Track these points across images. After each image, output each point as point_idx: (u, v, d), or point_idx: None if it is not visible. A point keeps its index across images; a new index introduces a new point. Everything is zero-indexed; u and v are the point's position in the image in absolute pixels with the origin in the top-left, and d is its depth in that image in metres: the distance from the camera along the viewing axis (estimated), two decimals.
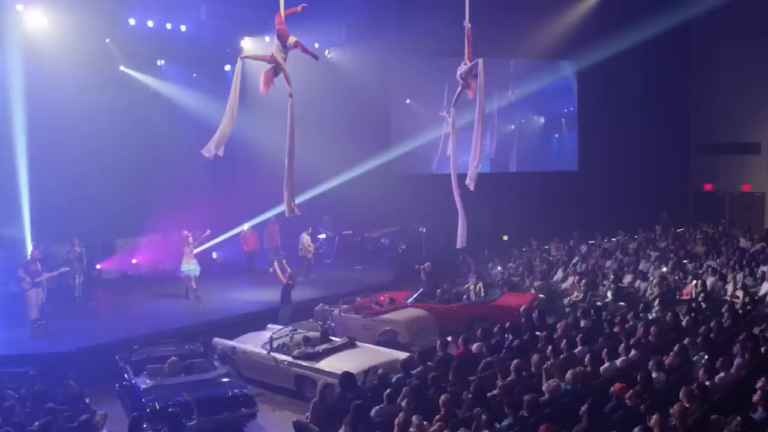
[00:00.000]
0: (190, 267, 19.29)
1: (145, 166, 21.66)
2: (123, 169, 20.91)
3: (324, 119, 23.61)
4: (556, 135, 30.71)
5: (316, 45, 25.89)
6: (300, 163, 11.96)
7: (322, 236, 25.39)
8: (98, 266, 22.14)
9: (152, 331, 16.22)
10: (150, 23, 21.39)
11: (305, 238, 22.09)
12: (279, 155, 11.91)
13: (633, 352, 12.15)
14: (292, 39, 11.63)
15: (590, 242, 25.52)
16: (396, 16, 25.04)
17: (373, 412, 10.22)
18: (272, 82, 11.73)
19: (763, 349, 11.89)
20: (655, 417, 8.57)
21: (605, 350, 12.13)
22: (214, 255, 23.54)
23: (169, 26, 21.97)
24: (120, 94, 21.45)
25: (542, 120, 30.61)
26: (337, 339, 14.94)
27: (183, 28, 22.17)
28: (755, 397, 9.19)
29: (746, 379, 10.47)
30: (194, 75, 24.17)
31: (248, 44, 24.06)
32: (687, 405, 9.22)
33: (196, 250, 19.95)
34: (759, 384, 9.49)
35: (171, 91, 23.24)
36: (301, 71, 23.32)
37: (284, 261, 18.38)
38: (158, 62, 23.43)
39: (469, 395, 10.35)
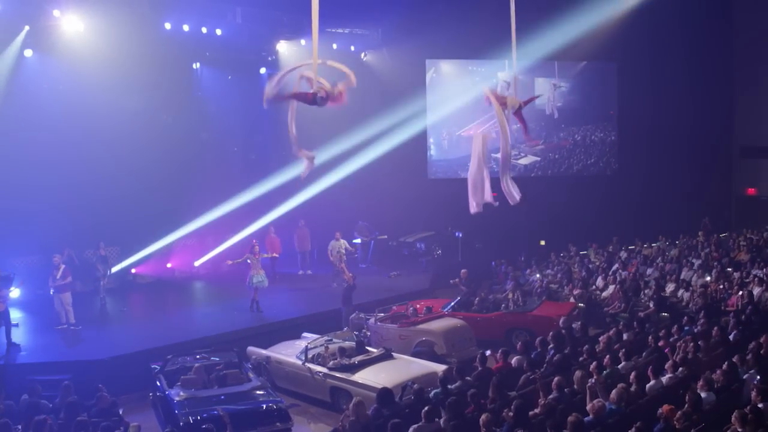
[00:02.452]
0: (260, 279, 18.92)
1: (180, 169, 21.65)
2: (157, 173, 20.90)
3: (360, 122, 23.43)
4: (603, 139, 30.04)
5: (353, 48, 25.82)
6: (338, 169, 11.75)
7: (357, 241, 25.17)
8: (133, 271, 22.14)
9: (187, 339, 16.13)
10: (186, 27, 21.34)
11: (332, 244, 21.83)
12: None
13: (680, 368, 11.73)
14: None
15: (630, 248, 25.02)
16: (433, 17, 24.81)
17: (411, 431, 9.95)
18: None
19: None
20: None
21: (650, 367, 11.71)
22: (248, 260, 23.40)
23: (204, 30, 21.92)
24: (154, 98, 21.38)
25: (600, 125, 30.02)
26: (373, 350, 14.70)
27: (218, 32, 22.12)
28: None
29: None
30: (229, 78, 24.13)
31: (284, 48, 23.98)
32: (740, 430, 8.82)
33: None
34: None
35: (206, 94, 23.25)
36: (337, 73, 23.32)
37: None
38: (194, 65, 23.40)
39: (510, 413, 10.04)
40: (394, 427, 9.63)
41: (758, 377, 10.79)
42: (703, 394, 10.32)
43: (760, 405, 9.65)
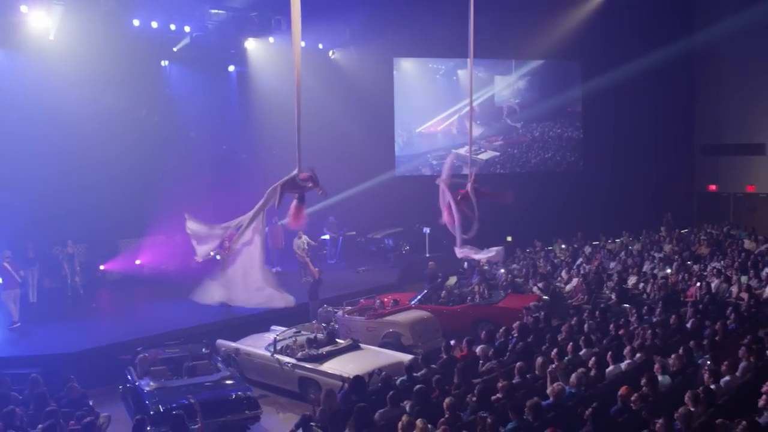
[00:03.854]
0: None
1: (149, 166, 21.65)
2: (125, 170, 20.81)
3: (327, 119, 23.64)
4: (560, 135, 30.48)
5: (321, 46, 25.98)
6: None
7: (326, 237, 25.38)
8: (102, 267, 22.13)
9: (156, 332, 16.25)
10: (154, 24, 21.37)
11: (296, 242, 22.00)
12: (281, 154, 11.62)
13: (638, 354, 12.12)
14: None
15: (594, 243, 25.48)
16: (400, 17, 25.03)
17: (377, 416, 10.21)
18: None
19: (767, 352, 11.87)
20: (660, 421, 8.54)
21: (610, 353, 12.08)
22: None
23: (173, 27, 21.95)
24: (123, 94, 21.39)
25: (558, 121, 30.43)
26: (341, 341, 14.93)
27: (187, 29, 22.14)
28: (761, 402, 9.15)
29: (752, 383, 10.42)
30: (198, 76, 24.18)
31: (252, 45, 24.10)
32: (692, 409, 9.17)
33: None
34: (765, 388, 9.45)
35: (174, 92, 23.28)
36: (305, 71, 23.48)
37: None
38: (162, 63, 23.43)
39: (474, 398, 10.34)
40: (360, 411, 9.89)
41: (709, 362, 11.18)
42: (659, 378, 10.71)
43: (712, 386, 10.06)
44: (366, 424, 9.84)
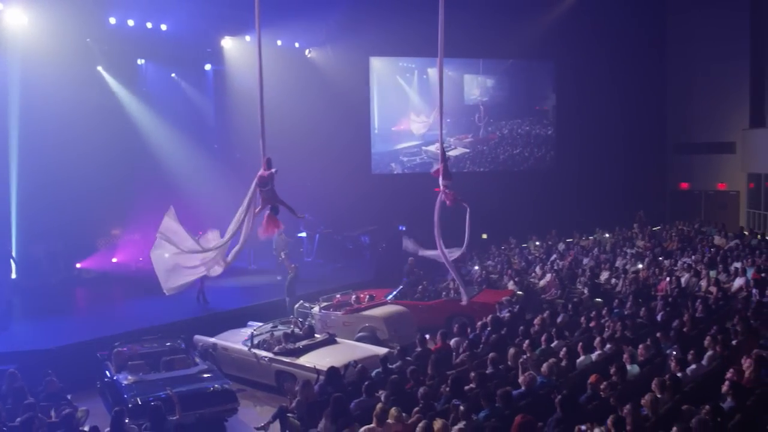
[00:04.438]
0: None
1: (125, 164, 21.66)
2: (101, 168, 20.84)
3: (304, 117, 23.76)
4: (529, 132, 30.76)
5: (297, 44, 26.11)
6: (280, 161, 11.87)
7: (303, 235, 25.50)
8: (78, 265, 22.13)
9: (134, 328, 16.30)
10: (130, 22, 21.41)
11: (277, 239, 22.13)
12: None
13: (608, 345, 12.40)
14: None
15: (568, 240, 25.80)
16: (376, 16, 25.19)
17: (352, 405, 10.40)
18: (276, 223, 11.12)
19: (734, 342, 12.18)
20: (627, 407, 8.78)
21: (581, 344, 12.36)
22: None
23: (149, 25, 22.00)
24: (99, 92, 21.43)
25: (520, 119, 30.70)
26: (318, 335, 15.10)
27: (164, 27, 22.18)
28: (724, 388, 9.43)
29: (717, 371, 10.71)
30: (173, 75, 24.22)
31: (229, 44, 24.17)
32: (659, 395, 9.45)
33: None
34: (728, 375, 9.75)
35: (151, 90, 23.32)
36: (282, 70, 23.67)
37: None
38: (138, 61, 23.46)
39: (447, 388, 10.56)
40: (336, 401, 10.08)
41: (675, 352, 11.48)
42: (628, 367, 11.00)
43: (678, 374, 10.35)
44: (342, 414, 10.02)
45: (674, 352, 11.36)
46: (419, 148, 28.35)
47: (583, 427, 8.27)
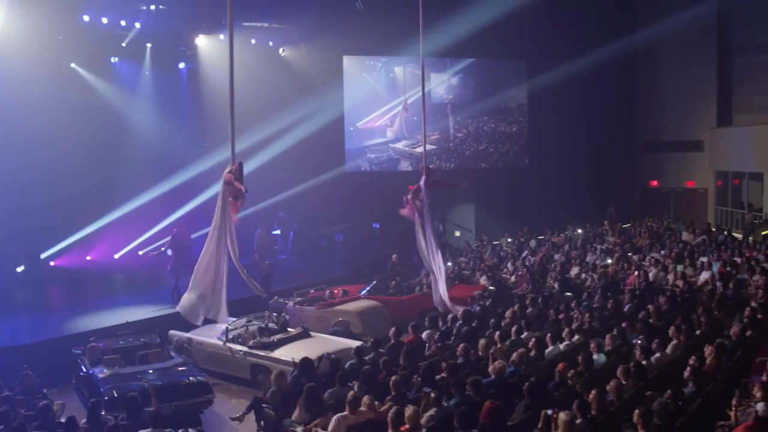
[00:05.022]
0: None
1: (100, 161, 21.65)
2: (76, 164, 20.84)
3: (278, 116, 23.89)
4: (494, 129, 31.07)
5: (271, 43, 26.21)
6: (254, 159, 11.97)
7: (277, 232, 25.64)
8: (52, 263, 22.12)
9: (109, 324, 16.42)
10: (104, 20, 21.42)
11: (260, 234, 22.31)
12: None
13: (576, 336, 12.70)
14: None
15: (540, 237, 26.12)
16: (349, 15, 25.33)
17: (326, 395, 10.61)
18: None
19: (697, 332, 12.54)
20: (593, 392, 9.07)
21: (549, 335, 12.65)
22: (169, 252, 23.59)
23: (123, 23, 22.03)
24: (72, 90, 21.40)
25: (492, 117, 31.01)
26: (292, 329, 15.27)
27: (137, 25, 22.21)
28: (686, 374, 9.75)
29: (681, 359, 11.04)
30: (147, 73, 24.23)
31: (203, 42, 24.22)
32: (623, 382, 9.75)
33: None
34: (690, 362, 10.08)
35: (125, 87, 23.33)
36: (255, 67, 23.79)
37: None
38: (112, 59, 23.46)
39: (419, 378, 10.79)
40: (309, 390, 10.28)
41: (638, 341, 11.81)
42: (595, 356, 11.30)
43: (643, 362, 10.66)
44: (316, 403, 10.22)
45: (639, 342, 11.67)
46: (386, 145, 28.58)
47: (549, 412, 8.52)
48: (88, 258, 22.98)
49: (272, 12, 23.61)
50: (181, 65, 25.06)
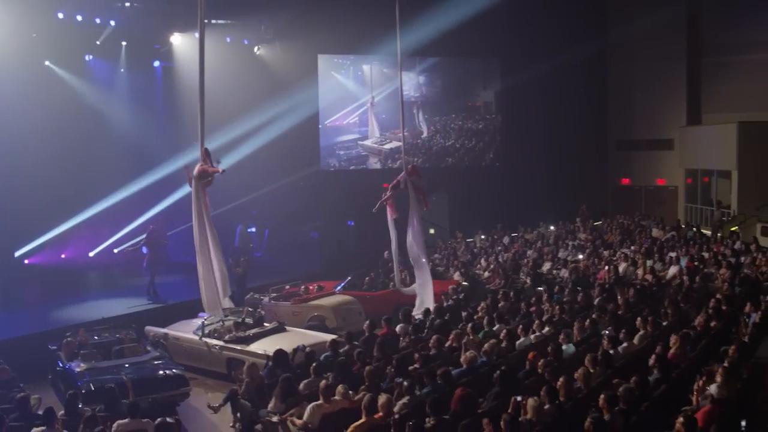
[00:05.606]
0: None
1: (74, 158, 21.57)
2: (50, 161, 20.74)
3: (253, 114, 23.97)
4: (461, 127, 31.44)
5: (246, 42, 26.26)
6: (229, 157, 12.00)
7: (252, 230, 25.74)
8: (26, 261, 22.07)
9: (85, 320, 16.47)
10: (79, 17, 21.38)
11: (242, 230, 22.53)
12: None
13: (546, 328, 12.99)
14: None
15: (513, 235, 26.40)
16: (324, 14, 25.43)
17: (301, 386, 10.79)
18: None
19: (664, 323, 12.87)
20: (561, 379, 9.34)
21: (520, 326, 12.93)
22: (145, 249, 23.65)
23: (98, 21, 22.00)
24: (46, 88, 21.32)
25: (460, 115, 31.35)
26: (267, 324, 15.43)
27: (112, 23, 22.18)
28: (651, 361, 10.04)
29: (647, 349, 11.33)
30: (122, 71, 24.20)
31: (178, 40, 24.22)
32: (591, 370, 10.04)
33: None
34: (657, 349, 10.38)
35: (98, 86, 23.28)
36: (231, 65, 23.86)
37: None
38: (86, 57, 23.41)
39: (392, 369, 11.01)
40: (285, 381, 10.47)
41: (606, 332, 12.11)
42: (564, 346, 11.58)
43: (611, 351, 10.96)
44: (291, 393, 10.41)
45: (607, 332, 11.96)
46: (355, 142, 28.83)
47: (519, 398, 8.78)
48: (63, 256, 22.91)
49: (246, 10, 23.65)
50: (156, 63, 25.04)
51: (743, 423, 7.65)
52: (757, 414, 8.20)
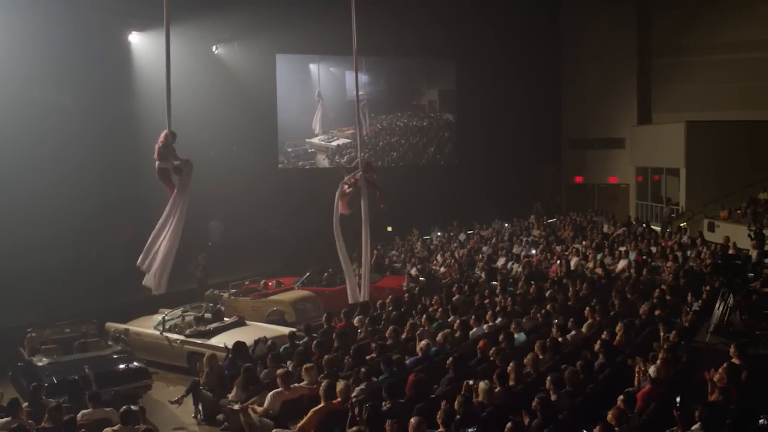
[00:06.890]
0: None
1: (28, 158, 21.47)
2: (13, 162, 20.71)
3: (211, 114, 24.07)
4: (411, 125, 32.04)
5: (203, 41, 26.30)
6: (189, 156, 11.69)
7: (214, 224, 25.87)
8: None
9: (45, 316, 16.50)
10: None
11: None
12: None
13: (499, 319, 13.45)
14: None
15: (469, 232, 26.89)
16: (282, 14, 25.62)
17: (262, 375, 11.13)
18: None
19: (611, 313, 13.41)
20: (511, 365, 9.79)
21: (474, 317, 13.38)
22: None
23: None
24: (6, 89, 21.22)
25: (405, 113, 31.89)
26: (227, 318, 15.70)
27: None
28: (596, 347, 10.55)
29: (595, 337, 11.84)
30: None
31: (136, 39, 24.21)
32: (540, 356, 10.50)
33: None
34: (603, 335, 10.89)
35: (55, 87, 23.15)
36: (188, 65, 23.90)
37: None
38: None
39: (350, 358, 11.38)
40: (246, 371, 10.80)
41: (556, 321, 12.62)
42: (515, 335, 12.06)
43: (559, 339, 11.45)
44: (252, 382, 10.74)
45: (557, 321, 12.46)
46: (302, 140, 29.21)
47: (471, 382, 9.20)
48: None
49: (205, 10, 23.71)
50: (115, 63, 24.90)
51: (677, 399, 8.13)
52: (693, 391, 8.71)
